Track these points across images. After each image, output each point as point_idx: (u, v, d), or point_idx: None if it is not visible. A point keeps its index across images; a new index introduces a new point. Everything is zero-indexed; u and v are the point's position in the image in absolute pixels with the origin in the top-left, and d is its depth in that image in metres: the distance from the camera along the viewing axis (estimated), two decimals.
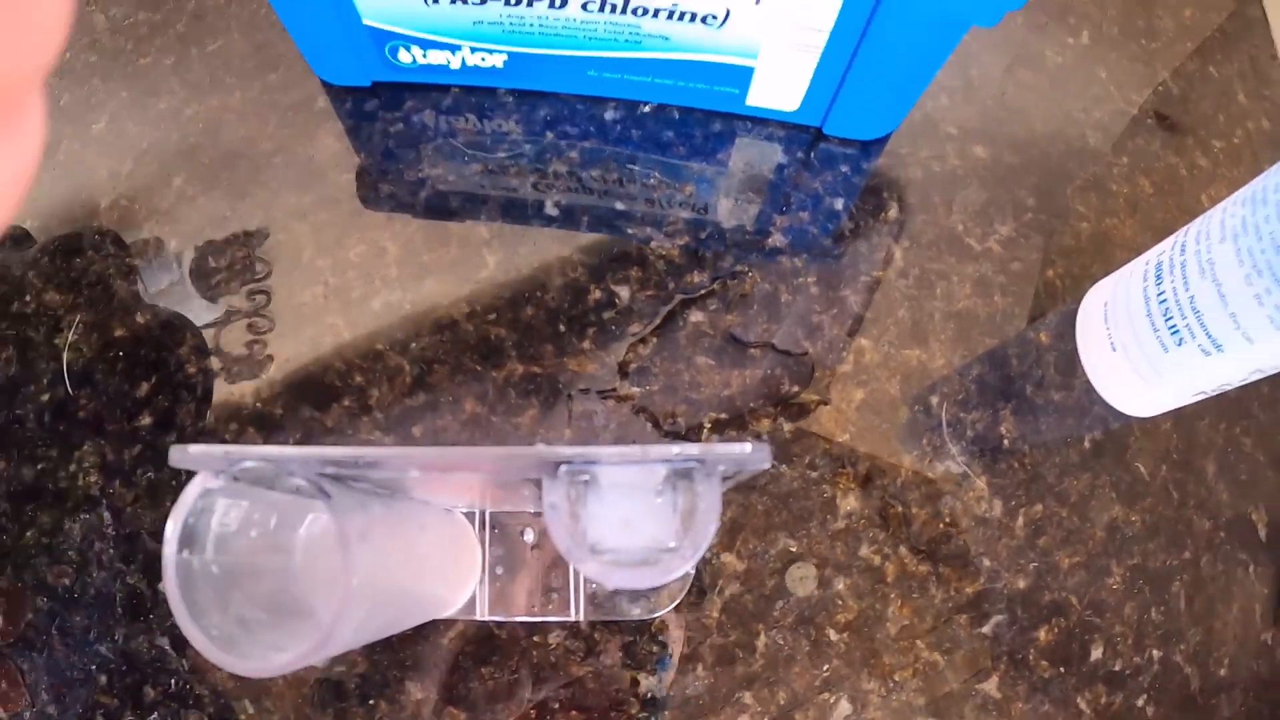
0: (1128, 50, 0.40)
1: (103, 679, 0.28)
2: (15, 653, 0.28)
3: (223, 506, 0.17)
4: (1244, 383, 0.26)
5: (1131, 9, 0.41)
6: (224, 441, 0.21)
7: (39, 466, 0.30)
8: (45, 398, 0.31)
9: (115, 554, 0.29)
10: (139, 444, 0.30)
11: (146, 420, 0.31)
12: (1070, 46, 0.39)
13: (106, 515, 0.30)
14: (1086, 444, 0.31)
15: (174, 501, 0.16)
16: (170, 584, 0.15)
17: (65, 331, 0.32)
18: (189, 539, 0.16)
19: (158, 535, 0.20)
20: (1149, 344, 0.27)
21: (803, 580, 0.29)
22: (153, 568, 0.29)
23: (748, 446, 0.15)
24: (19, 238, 0.34)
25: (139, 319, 0.33)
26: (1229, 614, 0.30)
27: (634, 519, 0.17)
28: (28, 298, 0.33)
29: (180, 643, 0.28)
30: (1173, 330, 0.26)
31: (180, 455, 0.15)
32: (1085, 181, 0.36)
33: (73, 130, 0.36)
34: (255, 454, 0.16)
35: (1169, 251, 0.27)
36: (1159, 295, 0.26)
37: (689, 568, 0.17)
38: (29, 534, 0.29)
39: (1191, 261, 0.25)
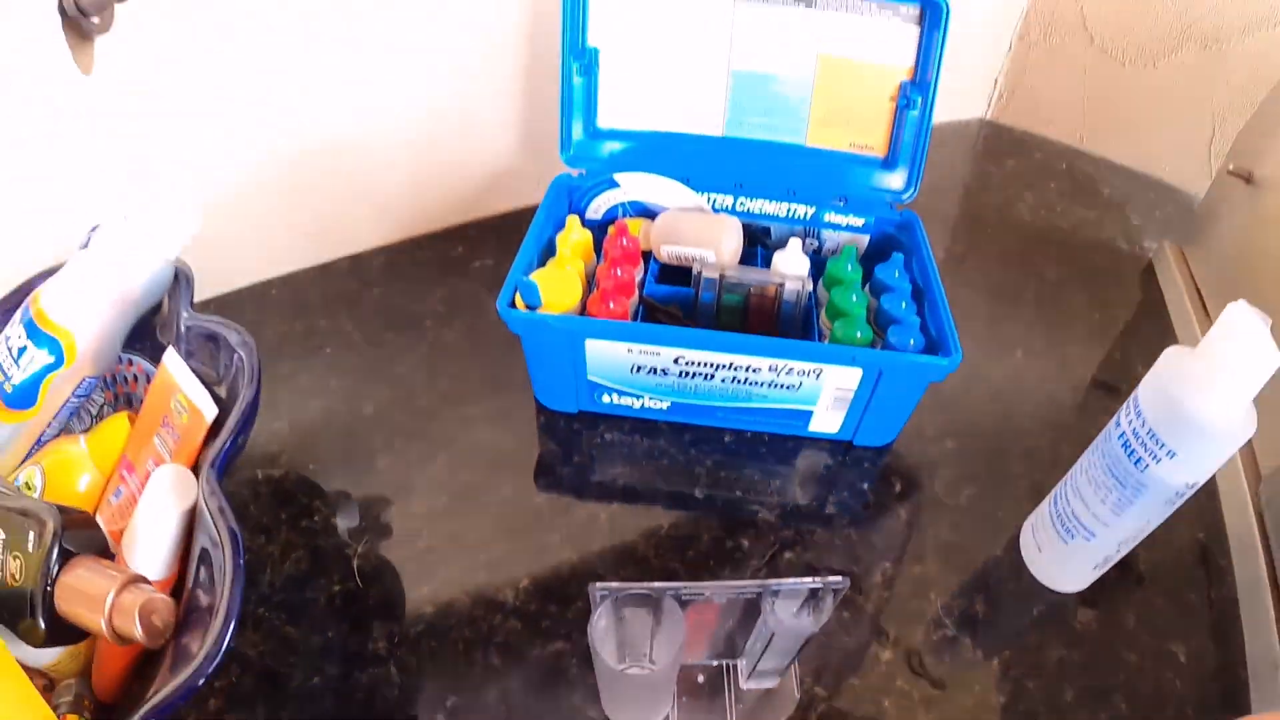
0: (1053, 357, 0.68)
1: None
2: None
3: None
4: (1120, 554, 0.47)
5: (1051, 328, 0.70)
6: None
7: (328, 634, 0.48)
8: (336, 588, 0.50)
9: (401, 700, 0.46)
10: (421, 623, 0.49)
11: (428, 610, 0.49)
12: (1009, 363, 0.67)
13: (393, 670, 0.46)
14: (1035, 612, 0.51)
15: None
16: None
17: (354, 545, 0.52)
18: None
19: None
20: (1055, 542, 0.49)
21: None
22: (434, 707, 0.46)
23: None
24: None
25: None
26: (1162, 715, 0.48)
27: None
28: (315, 517, 0.54)
29: None
30: (1066, 530, 0.48)
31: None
32: (1022, 451, 0.60)
33: (345, 410, 0.61)
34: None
35: (1059, 487, 0.50)
36: (1055, 512, 0.49)
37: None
38: (315, 679, 0.46)
39: (1069, 488, 0.48)
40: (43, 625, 0.35)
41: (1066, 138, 0.97)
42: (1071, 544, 0.48)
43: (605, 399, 0.59)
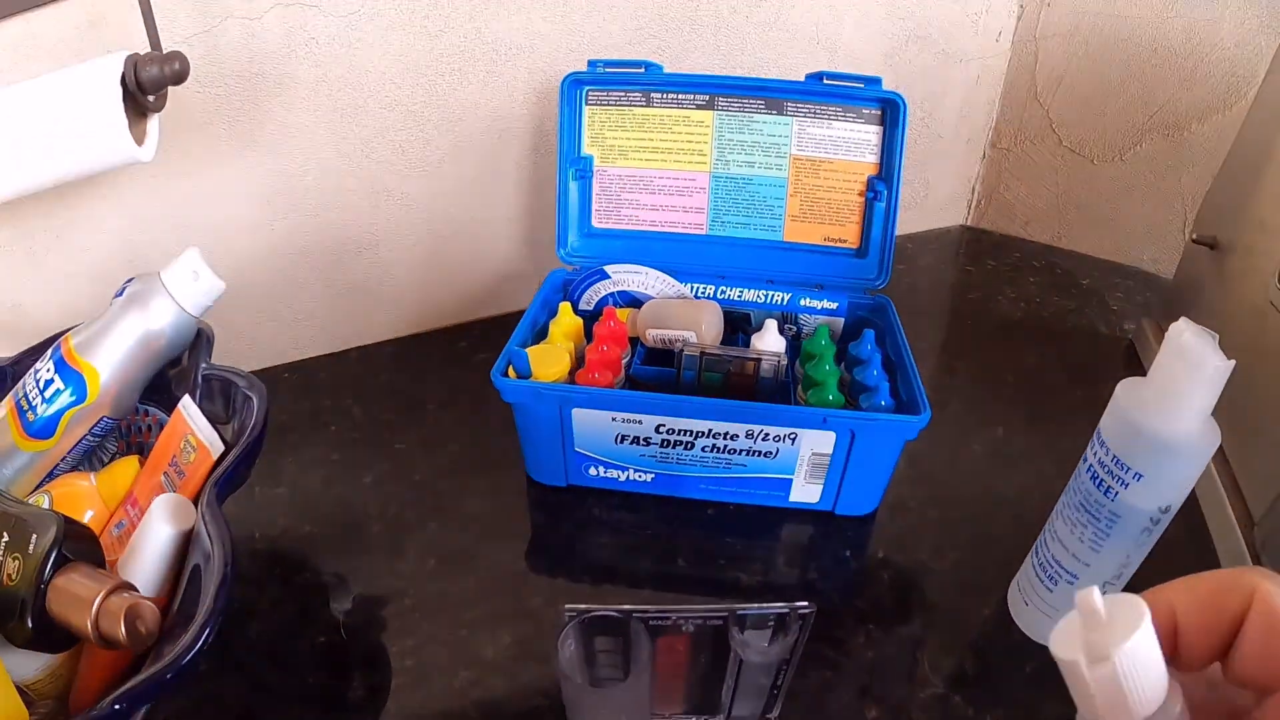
0: (1036, 432, 0.69)
1: None
2: None
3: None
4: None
5: (1033, 406, 0.72)
6: None
7: (308, 681, 0.49)
8: (321, 640, 0.52)
9: None
10: (403, 675, 0.50)
11: (409, 662, 0.51)
12: (990, 439, 0.68)
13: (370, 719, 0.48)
14: (1027, 669, 0.51)
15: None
16: None
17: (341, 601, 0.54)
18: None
19: None
20: (1041, 592, 0.50)
21: None
22: None
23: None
24: None
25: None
26: None
27: None
28: (306, 574, 0.56)
29: None
30: (1050, 577, 0.49)
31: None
32: (1006, 518, 0.61)
33: (344, 480, 0.64)
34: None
35: (1040, 537, 0.51)
36: (1037, 562, 0.50)
37: None
38: None
39: (1048, 534, 0.49)
40: (30, 624, 0.37)
41: (1044, 237, 1.02)
42: (1056, 590, 0.49)
43: (592, 471, 0.61)
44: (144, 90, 0.55)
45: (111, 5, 0.59)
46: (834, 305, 0.69)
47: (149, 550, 0.42)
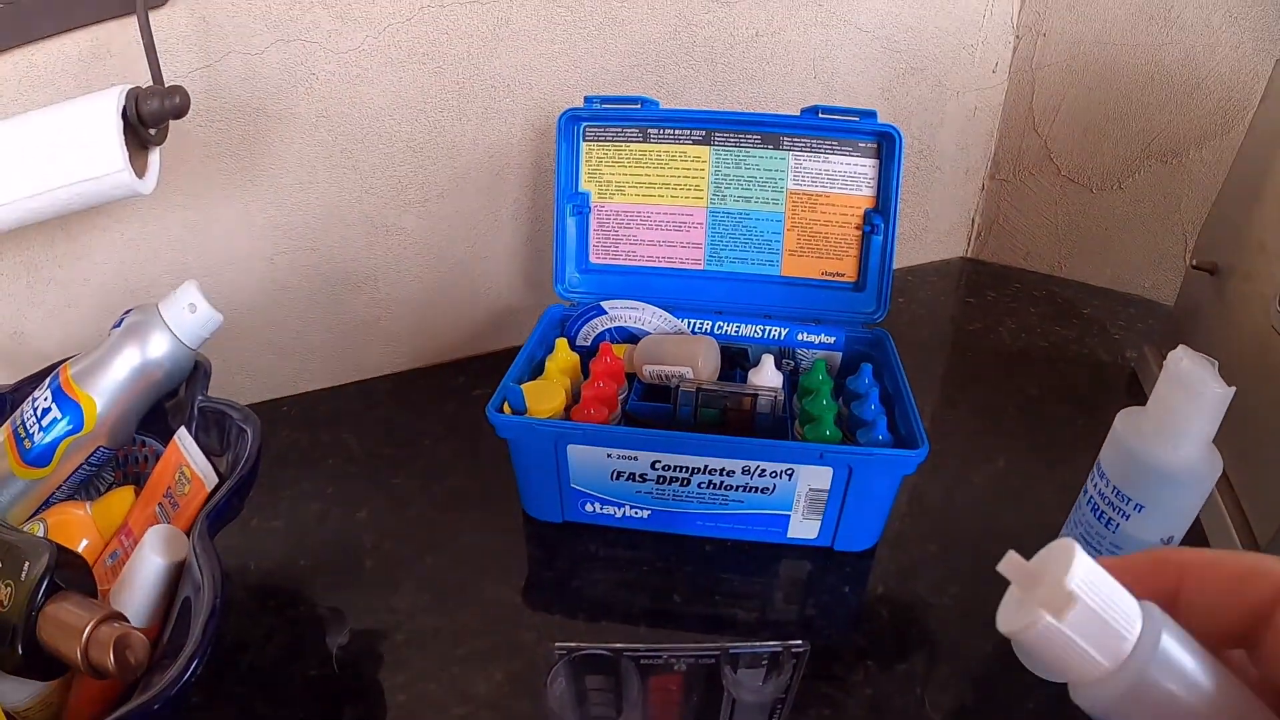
0: (1038, 463, 0.69)
1: None
2: None
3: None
4: None
5: (1035, 437, 0.71)
6: None
7: (300, 715, 0.49)
8: (313, 673, 0.52)
9: None
10: (394, 709, 0.49)
11: (401, 697, 0.51)
12: (991, 471, 0.68)
13: None
14: (1029, 706, 0.50)
15: None
16: None
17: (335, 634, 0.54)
18: None
19: None
20: None
21: None
22: None
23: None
24: None
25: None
26: None
27: None
28: (300, 607, 0.56)
29: None
30: None
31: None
32: (1005, 553, 0.60)
33: (340, 513, 0.64)
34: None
35: None
36: None
37: None
38: None
39: None
40: (20, 651, 0.37)
41: (1045, 267, 1.02)
42: None
43: (588, 508, 0.61)
44: (145, 123, 0.55)
45: (115, 38, 0.60)
46: (831, 340, 0.69)
47: (140, 581, 0.42)
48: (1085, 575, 0.20)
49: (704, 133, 0.69)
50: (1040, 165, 0.97)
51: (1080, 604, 0.20)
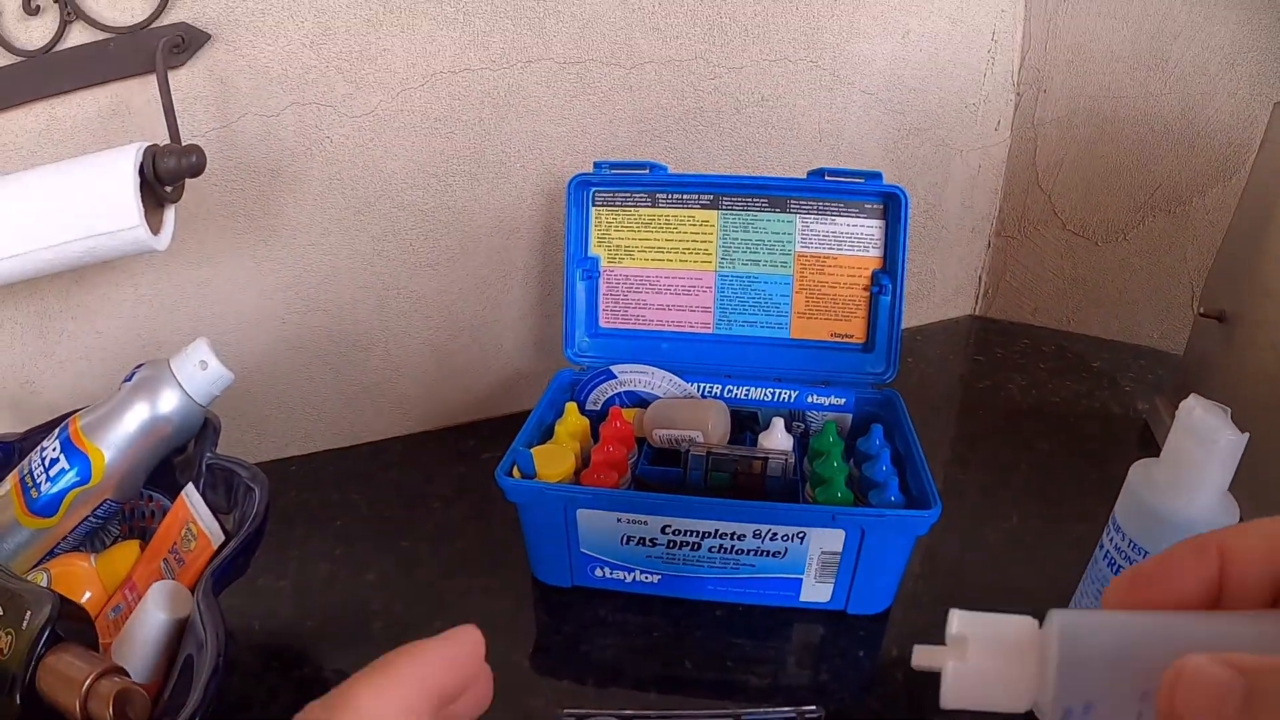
0: (1051, 518, 0.68)
1: None
2: None
3: None
4: None
5: (1048, 492, 0.70)
6: None
7: None
8: None
9: None
10: None
11: None
12: (1004, 528, 0.67)
13: None
14: None
15: None
16: None
17: None
18: None
19: None
20: None
21: None
22: None
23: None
24: None
25: None
26: None
27: None
28: (305, 668, 0.56)
29: None
30: None
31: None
32: (1025, 610, 0.58)
33: (348, 575, 0.63)
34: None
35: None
36: None
37: None
38: None
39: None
40: (19, 701, 0.36)
41: (1053, 322, 1.02)
42: None
43: (598, 572, 0.61)
44: (161, 180, 0.56)
45: (135, 96, 0.61)
46: (841, 401, 0.69)
47: (143, 636, 0.42)
48: (964, 619, 0.24)
49: (712, 197, 0.70)
50: (1045, 220, 0.98)
51: (971, 642, 0.24)
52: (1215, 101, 0.83)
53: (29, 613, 0.39)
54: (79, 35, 0.60)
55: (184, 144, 0.58)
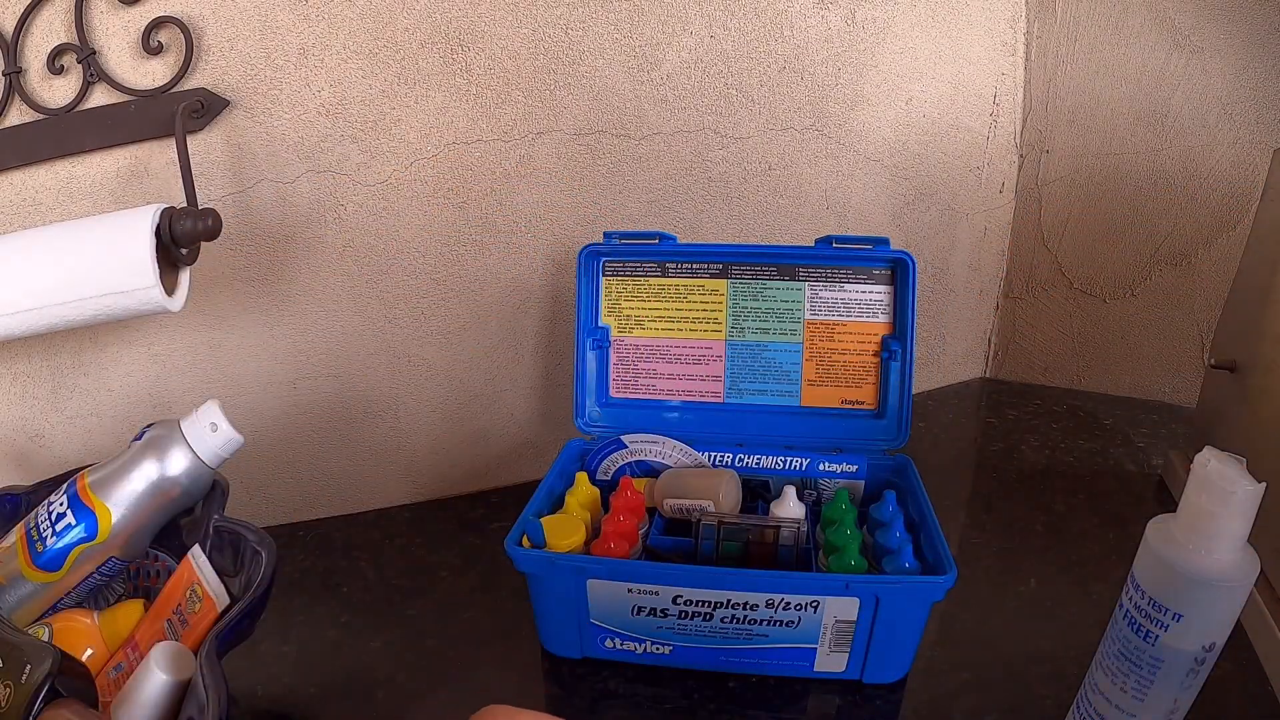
0: (1070, 580, 0.67)
1: None
2: None
3: None
4: None
5: (1066, 553, 0.69)
6: None
7: None
8: None
9: None
10: None
11: None
12: (1023, 592, 0.66)
13: None
14: None
15: None
16: None
17: None
18: None
19: None
20: None
21: None
22: None
23: None
24: None
25: None
26: None
27: None
28: None
29: None
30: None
31: None
32: (1045, 674, 0.57)
33: (353, 642, 0.63)
34: None
35: (1080, 691, 0.48)
36: (1080, 718, 0.47)
37: None
38: None
39: (1088, 687, 0.46)
40: None
41: (1064, 381, 1.02)
42: None
43: (608, 643, 0.60)
44: (177, 242, 0.57)
45: (154, 158, 0.63)
46: (853, 468, 0.69)
47: (143, 696, 0.42)
48: None
49: (721, 266, 0.70)
50: (1052, 280, 0.99)
51: None
52: (1216, 152, 0.84)
53: (29, 666, 0.38)
54: (101, 96, 0.62)
55: (200, 207, 0.59)
